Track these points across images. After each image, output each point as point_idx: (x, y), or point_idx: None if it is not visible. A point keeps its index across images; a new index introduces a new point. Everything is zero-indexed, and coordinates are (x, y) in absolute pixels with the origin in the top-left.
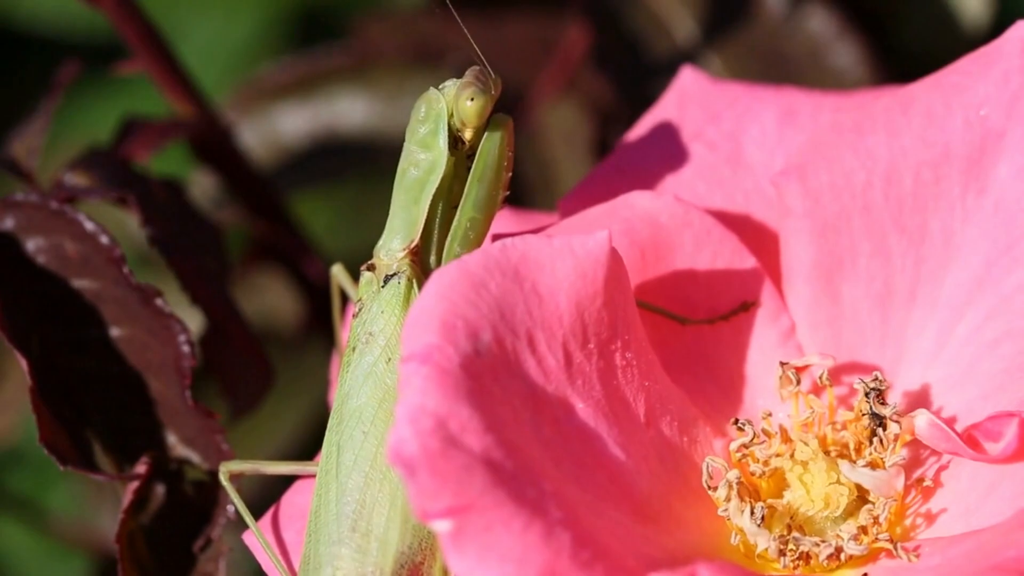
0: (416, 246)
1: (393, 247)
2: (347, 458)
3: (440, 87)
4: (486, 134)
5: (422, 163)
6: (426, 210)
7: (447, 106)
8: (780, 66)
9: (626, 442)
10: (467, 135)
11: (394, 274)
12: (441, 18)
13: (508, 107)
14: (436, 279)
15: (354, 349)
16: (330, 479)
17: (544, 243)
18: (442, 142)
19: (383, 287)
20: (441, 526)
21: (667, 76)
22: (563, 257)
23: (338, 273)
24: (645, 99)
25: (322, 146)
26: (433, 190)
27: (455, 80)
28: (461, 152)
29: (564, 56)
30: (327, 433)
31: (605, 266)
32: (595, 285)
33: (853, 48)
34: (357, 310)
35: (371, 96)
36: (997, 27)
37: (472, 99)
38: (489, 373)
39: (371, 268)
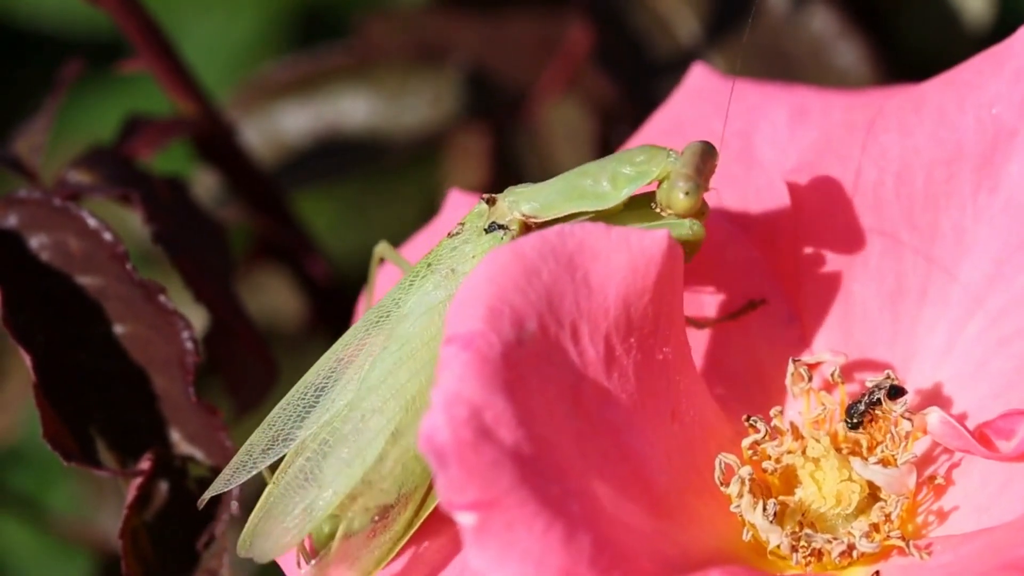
0: (534, 224)
1: (521, 207)
2: (375, 375)
3: (670, 154)
4: (678, 222)
5: (598, 189)
6: (566, 213)
7: (661, 172)
8: (783, 65)
9: (652, 437)
10: (659, 208)
11: (503, 226)
12: (444, 16)
13: (511, 106)
14: (489, 260)
15: (429, 266)
16: (351, 373)
17: (602, 233)
18: (625, 193)
19: (487, 231)
20: (465, 519)
21: (670, 75)
22: (619, 250)
23: (384, 250)
24: (648, 98)
25: (324, 145)
26: (585, 210)
27: (678, 156)
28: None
29: (567, 55)
30: (362, 324)
31: (659, 264)
32: (646, 281)
33: (855, 47)
34: (456, 231)
35: (373, 95)
36: (999, 26)
37: (687, 194)
38: (529, 362)
39: (491, 202)
